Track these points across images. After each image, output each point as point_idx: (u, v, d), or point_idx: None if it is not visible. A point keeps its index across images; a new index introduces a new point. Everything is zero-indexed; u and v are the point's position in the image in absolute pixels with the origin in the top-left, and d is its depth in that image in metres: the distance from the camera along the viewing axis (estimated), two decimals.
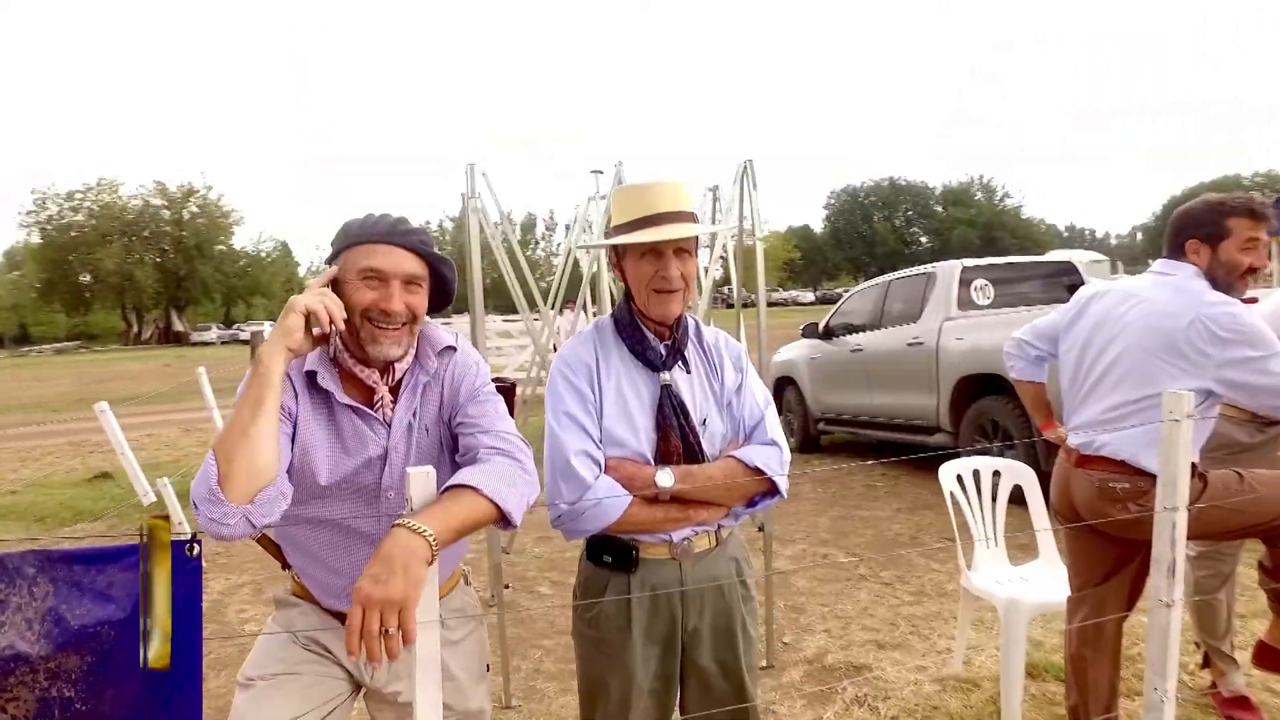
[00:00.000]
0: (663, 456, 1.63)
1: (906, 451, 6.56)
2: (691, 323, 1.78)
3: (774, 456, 1.67)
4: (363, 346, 1.48)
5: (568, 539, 1.62)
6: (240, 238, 63.90)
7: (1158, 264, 2.30)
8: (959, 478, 3.13)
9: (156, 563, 1.28)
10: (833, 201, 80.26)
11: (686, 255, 1.66)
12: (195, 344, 49.12)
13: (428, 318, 1.59)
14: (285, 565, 1.61)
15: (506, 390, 1.73)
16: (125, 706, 1.24)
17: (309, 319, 1.38)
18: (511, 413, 1.67)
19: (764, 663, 3.34)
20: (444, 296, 1.60)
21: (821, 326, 8.15)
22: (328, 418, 1.50)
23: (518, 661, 3.47)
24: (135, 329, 58.10)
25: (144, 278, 54.58)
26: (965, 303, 6.42)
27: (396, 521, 1.25)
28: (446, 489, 1.33)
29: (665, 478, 1.59)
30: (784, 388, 8.87)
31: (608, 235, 1.76)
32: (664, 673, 1.68)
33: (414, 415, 1.54)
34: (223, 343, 47.48)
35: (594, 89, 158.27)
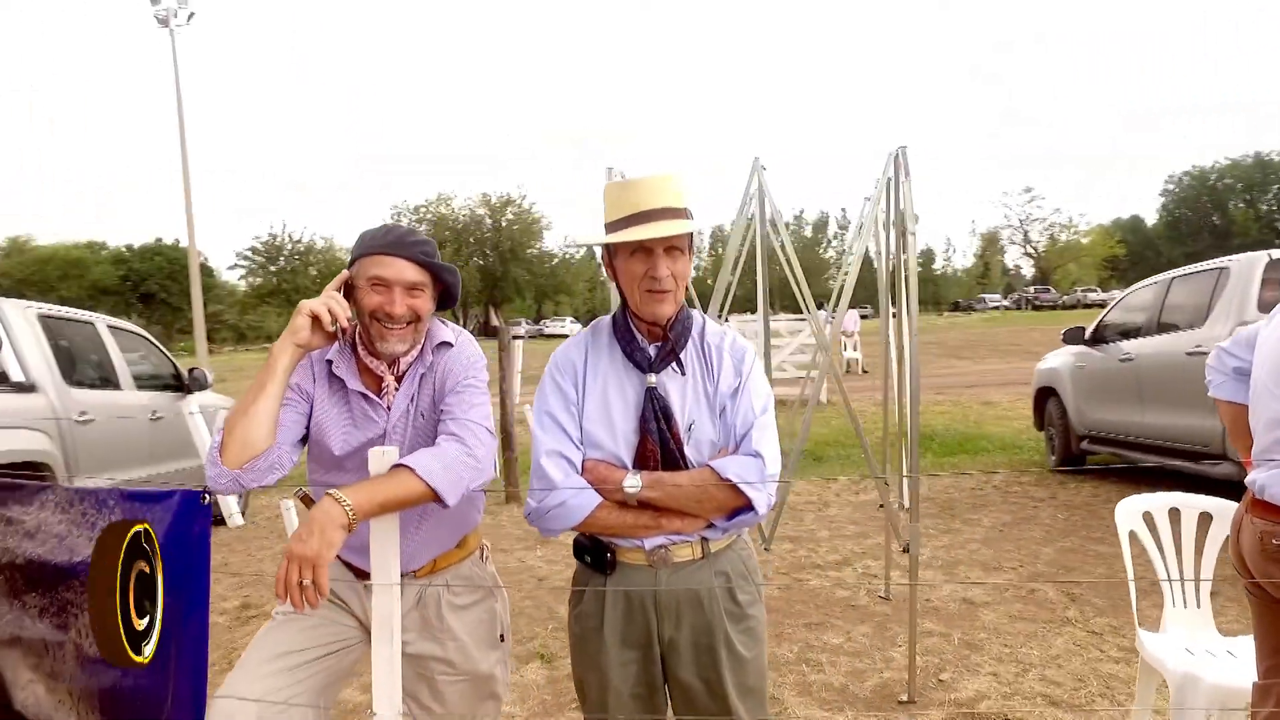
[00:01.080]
0: (639, 461, 1.60)
1: (1182, 480, 5.47)
2: (698, 321, 1.71)
3: (752, 468, 1.55)
4: (372, 343, 1.67)
5: (542, 536, 1.65)
6: (549, 241, 71.00)
7: None
8: (1148, 516, 2.59)
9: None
10: (1171, 187, 68.20)
11: (678, 253, 1.61)
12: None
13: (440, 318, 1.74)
14: None
15: None
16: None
17: (316, 320, 1.59)
18: None
19: (903, 697, 3.05)
20: (449, 298, 1.74)
21: (1089, 332, 7.08)
22: (342, 400, 1.71)
23: None
24: (460, 323, 67.60)
25: (468, 278, 63.25)
26: (1271, 304, 5.17)
27: (326, 491, 1.41)
28: (391, 467, 1.47)
29: (632, 482, 1.56)
30: (1045, 399, 7.85)
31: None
32: (647, 680, 1.65)
33: (411, 401, 1.70)
34: (530, 337, 53.40)
35: (644, 88, 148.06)
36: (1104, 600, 3.99)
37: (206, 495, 1.52)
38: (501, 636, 1.88)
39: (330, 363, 1.71)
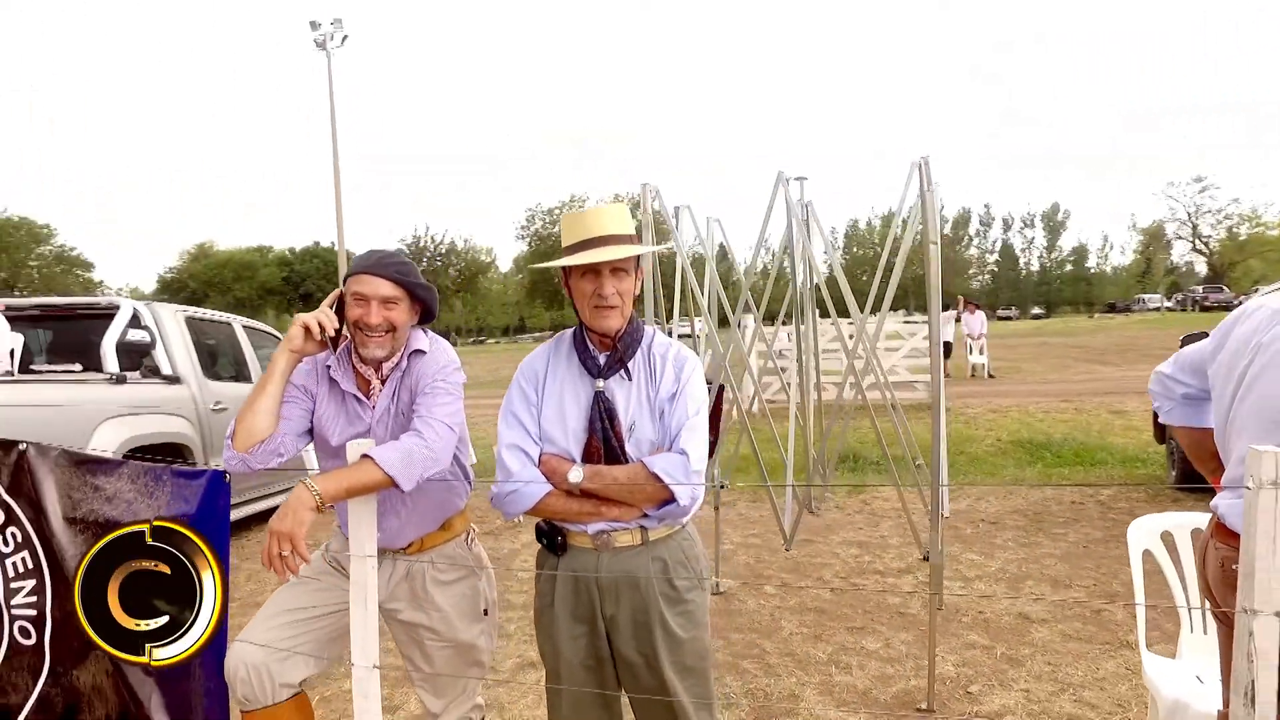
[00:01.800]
0: (586, 456, 1.79)
1: None
2: (648, 333, 1.88)
3: (677, 465, 1.71)
4: (358, 349, 1.96)
5: (505, 519, 1.88)
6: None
7: None
8: (1167, 536, 2.50)
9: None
10: None
11: (623, 274, 1.80)
12: None
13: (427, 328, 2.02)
14: None
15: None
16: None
17: (308, 330, 1.89)
18: (716, 418, 1.92)
19: (922, 704, 3.06)
20: (428, 312, 2.02)
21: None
22: (339, 399, 2.01)
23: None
24: None
25: None
26: None
27: (300, 480, 1.69)
28: (360, 457, 1.74)
29: (575, 474, 1.76)
30: None
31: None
32: (595, 653, 1.84)
33: (392, 400, 1.98)
34: None
35: (644, 88, 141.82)
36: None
37: (227, 475, 1.86)
38: (486, 611, 2.12)
39: (329, 367, 2.02)
